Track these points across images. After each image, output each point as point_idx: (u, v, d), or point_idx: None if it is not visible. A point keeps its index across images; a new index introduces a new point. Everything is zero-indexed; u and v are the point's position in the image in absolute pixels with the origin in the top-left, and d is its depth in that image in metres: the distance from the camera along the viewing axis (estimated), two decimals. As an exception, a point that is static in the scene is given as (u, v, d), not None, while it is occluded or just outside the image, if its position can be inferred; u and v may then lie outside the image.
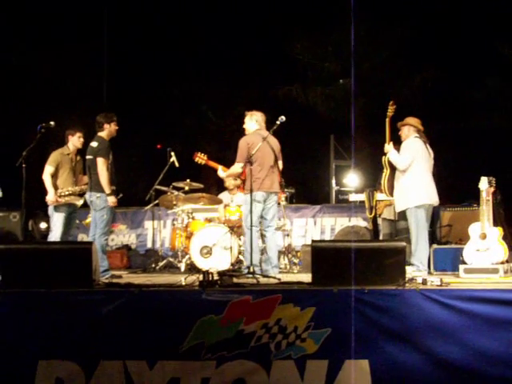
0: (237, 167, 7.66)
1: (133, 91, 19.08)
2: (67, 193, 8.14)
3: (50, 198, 8.15)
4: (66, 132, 8.53)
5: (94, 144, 7.89)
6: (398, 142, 8.00)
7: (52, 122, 7.85)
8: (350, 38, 17.04)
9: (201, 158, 8.79)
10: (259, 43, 18.66)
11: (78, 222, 8.95)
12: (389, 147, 7.86)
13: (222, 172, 8.20)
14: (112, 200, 7.76)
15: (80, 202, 8.31)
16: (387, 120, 7.97)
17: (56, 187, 8.20)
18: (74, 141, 8.43)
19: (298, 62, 18.96)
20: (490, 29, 16.87)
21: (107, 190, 7.73)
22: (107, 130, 7.97)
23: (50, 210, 8.31)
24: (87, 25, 17.68)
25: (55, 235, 8.18)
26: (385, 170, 8.03)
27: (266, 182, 7.55)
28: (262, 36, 18.55)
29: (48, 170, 8.25)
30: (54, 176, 8.27)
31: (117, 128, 8.08)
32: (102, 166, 7.74)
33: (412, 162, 7.70)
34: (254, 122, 7.84)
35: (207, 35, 19.10)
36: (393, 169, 7.94)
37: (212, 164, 8.61)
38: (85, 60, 18.04)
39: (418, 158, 7.74)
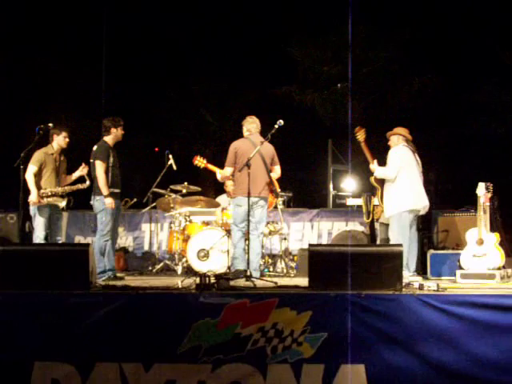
0: (225, 171, 7.90)
1: (131, 94, 19.09)
2: (49, 193, 8.05)
3: (33, 198, 8.00)
4: (50, 131, 8.41)
5: (94, 147, 8.01)
6: (386, 153, 8.07)
7: (50, 124, 7.84)
8: (349, 41, 17.10)
9: (200, 162, 8.84)
10: (258, 46, 18.69)
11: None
12: (374, 166, 7.97)
13: (219, 175, 8.27)
14: (108, 202, 7.78)
15: (63, 204, 8.18)
16: (362, 144, 8.09)
17: (39, 187, 8.12)
18: (59, 140, 8.31)
19: (297, 66, 19.00)
20: (490, 34, 16.92)
21: (104, 191, 7.78)
22: (113, 135, 8.08)
23: (32, 210, 8.15)
24: (85, 27, 17.71)
25: (39, 236, 8.08)
26: (377, 191, 8.09)
27: (251, 188, 7.59)
28: (261, 39, 18.58)
29: (31, 169, 8.06)
30: (38, 176, 8.14)
31: (123, 133, 8.19)
32: (99, 168, 7.82)
33: (399, 170, 7.75)
34: (244, 129, 7.98)
35: (206, 37, 19.14)
36: (383, 185, 8.01)
37: (211, 168, 8.65)
38: (83, 62, 18.06)
39: (405, 164, 7.79)
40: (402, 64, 18.15)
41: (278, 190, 8.47)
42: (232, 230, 7.84)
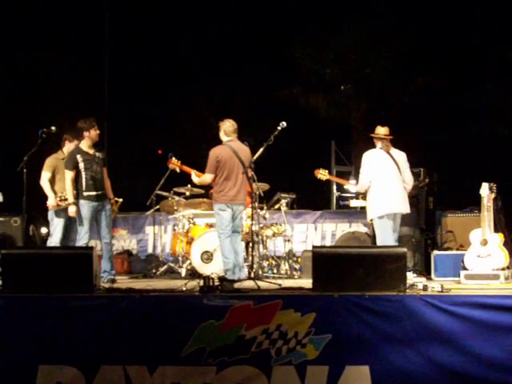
0: (206, 178, 7.78)
1: (134, 96, 19.11)
2: (67, 196, 8.12)
3: (51, 202, 8.14)
4: (63, 136, 8.49)
5: None
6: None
7: (53, 127, 7.86)
8: (351, 43, 17.11)
9: (174, 165, 8.79)
10: (261, 49, 18.69)
11: None
12: (351, 187, 8.03)
13: (195, 177, 8.16)
14: (71, 210, 7.89)
15: None
16: (330, 179, 8.69)
17: (55, 192, 8.19)
18: (70, 147, 8.41)
19: (299, 68, 18.99)
20: (492, 34, 16.88)
21: (69, 199, 7.88)
22: (87, 138, 8.05)
23: (50, 214, 8.31)
24: (88, 29, 17.74)
25: (55, 240, 8.19)
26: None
27: (230, 193, 7.59)
28: (263, 42, 18.58)
29: (45, 176, 8.27)
30: (52, 181, 8.28)
31: (98, 133, 8.14)
32: (66, 177, 7.95)
33: (372, 174, 7.73)
34: (223, 132, 7.89)
35: (209, 39, 19.15)
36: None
37: (186, 169, 8.60)
38: (86, 65, 18.08)
39: (377, 168, 7.75)
40: (404, 64, 18.13)
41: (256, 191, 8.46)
42: (220, 239, 7.69)
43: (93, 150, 8.08)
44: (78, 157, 7.95)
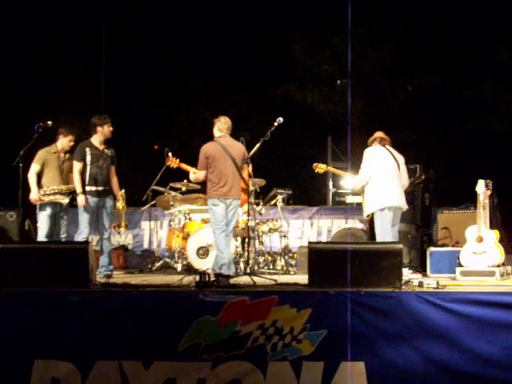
0: (199, 174, 7.82)
1: (130, 92, 19.09)
2: (52, 191, 8.08)
3: (33, 196, 8.07)
4: (59, 129, 8.45)
5: None
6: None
7: (49, 122, 7.87)
8: (349, 40, 17.10)
9: (173, 163, 8.78)
10: (258, 45, 18.70)
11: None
12: (347, 181, 8.03)
13: (192, 175, 8.18)
14: (79, 199, 7.87)
15: (65, 201, 8.20)
16: (330, 169, 8.76)
17: (42, 185, 8.15)
18: (64, 142, 8.34)
19: (296, 64, 19.00)
20: (488, 32, 16.92)
21: (77, 189, 7.90)
22: (100, 133, 8.06)
23: (37, 208, 8.28)
24: (85, 26, 17.72)
25: (41, 234, 8.16)
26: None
27: (222, 189, 7.60)
28: (260, 38, 18.59)
29: (34, 168, 8.15)
30: (40, 174, 8.21)
31: (111, 129, 8.13)
32: (73, 167, 7.99)
33: (372, 169, 7.75)
34: (216, 128, 7.91)
35: (206, 35, 19.15)
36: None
37: (184, 167, 8.61)
38: (83, 60, 18.06)
39: (377, 163, 7.78)
40: (401, 62, 18.15)
41: (251, 187, 8.40)
42: (215, 234, 7.69)
43: (103, 146, 8.12)
44: (87, 150, 7.99)
